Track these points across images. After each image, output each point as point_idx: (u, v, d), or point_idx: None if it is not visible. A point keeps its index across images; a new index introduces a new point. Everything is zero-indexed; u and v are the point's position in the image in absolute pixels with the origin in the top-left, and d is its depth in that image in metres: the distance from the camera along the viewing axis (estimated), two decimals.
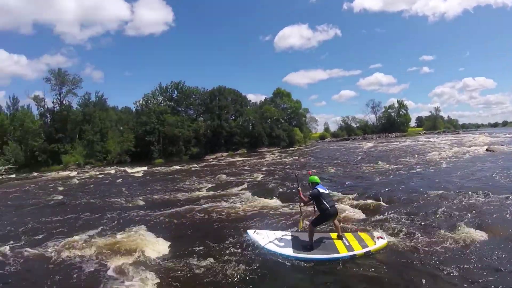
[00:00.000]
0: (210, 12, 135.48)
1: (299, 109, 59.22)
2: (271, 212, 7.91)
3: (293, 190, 9.30)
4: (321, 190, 5.09)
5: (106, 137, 39.77)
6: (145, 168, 28.36)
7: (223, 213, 8.17)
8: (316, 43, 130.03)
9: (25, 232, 7.76)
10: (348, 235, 5.15)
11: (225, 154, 42.52)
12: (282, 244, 5.09)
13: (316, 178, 5.36)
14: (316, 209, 5.19)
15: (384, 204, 7.89)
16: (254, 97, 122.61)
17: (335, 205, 5.27)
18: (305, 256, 4.69)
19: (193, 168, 25.04)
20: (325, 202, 4.98)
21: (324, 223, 5.46)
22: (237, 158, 34.05)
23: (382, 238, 5.01)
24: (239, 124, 47.71)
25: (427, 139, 43.86)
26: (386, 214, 6.90)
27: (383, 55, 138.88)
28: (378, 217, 6.72)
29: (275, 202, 9.11)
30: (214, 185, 13.71)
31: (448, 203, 7.32)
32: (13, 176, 32.33)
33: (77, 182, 20.91)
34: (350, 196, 8.84)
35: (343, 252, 4.68)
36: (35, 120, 40.80)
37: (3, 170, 35.96)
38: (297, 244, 5.01)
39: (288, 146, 49.90)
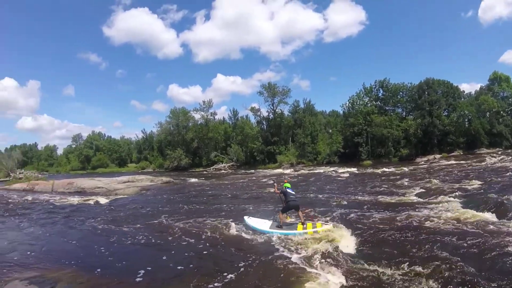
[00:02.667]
0: (398, 1, 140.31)
1: None
2: (477, 229, 7.85)
3: None
4: (288, 190, 9.34)
5: (316, 139, 51.47)
6: (353, 169, 33.93)
7: (424, 222, 8.85)
8: None
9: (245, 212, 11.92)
10: (309, 223, 9.02)
11: (438, 156, 44.87)
12: (263, 225, 9.41)
13: (287, 184, 9.71)
14: (284, 201, 9.41)
15: None
16: (469, 87, 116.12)
17: (296, 200, 9.32)
18: (274, 231, 8.86)
19: (402, 171, 27.62)
20: (288, 197, 9.19)
21: (288, 211, 9.59)
22: (452, 161, 36.13)
23: (328, 223, 8.98)
24: (453, 121, 48.75)
25: None
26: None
27: None
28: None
29: (487, 216, 9.07)
30: (422, 190, 14.87)
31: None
32: (234, 171, 48.91)
33: (290, 178, 26.50)
34: None
35: (299, 230, 8.61)
36: (253, 127, 58.22)
37: (226, 166, 54.41)
38: (272, 225, 9.27)
39: None
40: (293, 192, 9.50)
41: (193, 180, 32.83)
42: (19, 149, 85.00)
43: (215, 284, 5.71)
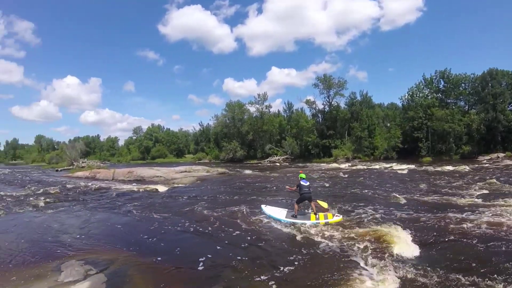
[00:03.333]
0: None
1: None
2: None
3: None
4: (302, 182, 10.60)
5: (374, 133, 53.10)
6: (412, 166, 33.77)
7: (489, 228, 8.73)
8: None
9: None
10: (320, 214, 10.22)
11: (501, 154, 43.84)
12: (280, 214, 10.84)
13: (302, 175, 11.12)
14: (299, 193, 10.64)
15: None
16: None
17: (310, 192, 10.63)
18: (289, 220, 10.23)
19: (463, 170, 27.19)
20: (302, 189, 10.50)
21: (302, 202, 10.83)
22: None
23: (338, 215, 10.31)
24: None
25: None
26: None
27: None
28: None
29: None
30: (484, 192, 14.95)
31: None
32: (288, 164, 51.41)
33: (344, 173, 28.20)
34: None
35: (312, 220, 9.97)
36: (308, 120, 61.25)
37: (280, 159, 57.71)
38: (287, 214, 10.65)
39: None
40: (307, 184, 10.77)
41: (247, 171, 34.53)
42: (82, 140, 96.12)
43: (269, 275, 6.20)
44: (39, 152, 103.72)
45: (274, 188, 19.90)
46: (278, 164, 53.06)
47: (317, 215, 10.20)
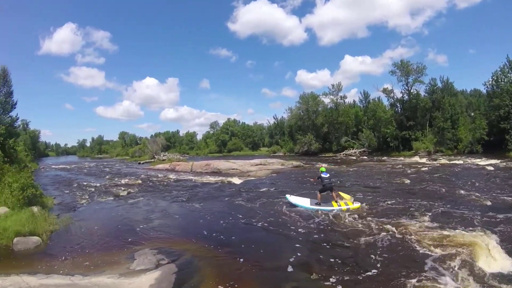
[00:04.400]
0: None
1: None
2: None
3: None
4: (323, 175, 12.95)
5: (457, 124, 51.58)
6: (497, 161, 32.47)
7: None
8: None
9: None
10: (341, 202, 12.45)
11: None
12: (304, 202, 12.97)
13: (322, 168, 13.52)
14: (321, 184, 12.97)
15: None
16: None
17: (331, 183, 13.00)
18: (313, 207, 12.38)
19: None
20: (323, 180, 12.83)
21: (324, 192, 12.88)
22: None
23: (357, 203, 12.43)
24: None
25: None
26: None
27: None
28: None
29: None
30: None
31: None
32: (365, 157, 52.33)
33: (425, 168, 27.42)
34: None
35: (334, 207, 12.14)
36: (386, 110, 61.38)
37: (357, 152, 59.43)
38: (312, 202, 12.74)
39: None
40: (327, 176, 13.19)
41: (322, 165, 32.23)
42: (163, 135, 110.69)
43: (359, 277, 6.37)
44: (123, 147, 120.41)
45: (349, 184, 20.11)
46: (354, 157, 54.45)
47: (338, 203, 12.45)
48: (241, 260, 7.45)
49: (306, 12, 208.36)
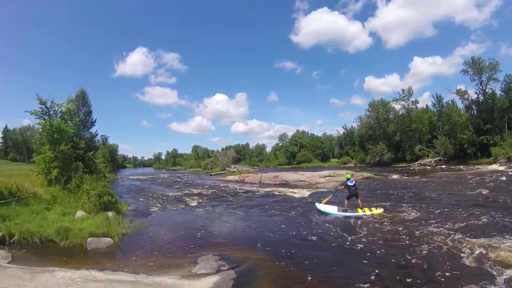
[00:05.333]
0: None
1: None
2: None
3: None
4: (348, 183, 14.82)
5: None
6: None
7: None
8: None
9: (435, 219, 12.55)
10: (365, 208, 14.24)
11: None
12: (332, 209, 14.90)
13: (348, 175, 15.37)
14: (348, 191, 14.86)
15: None
16: None
17: (356, 190, 14.81)
18: (341, 213, 14.32)
19: None
20: (350, 188, 14.75)
21: (350, 198, 14.69)
22: None
23: (380, 208, 14.16)
24: None
25: None
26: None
27: None
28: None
29: None
30: None
31: None
32: (441, 167, 50.23)
33: (505, 178, 26.73)
34: None
35: (360, 213, 13.97)
36: (461, 113, 59.63)
37: (432, 162, 58.28)
38: (339, 209, 14.63)
39: None
40: (353, 183, 15.02)
41: (394, 176, 35.37)
42: (233, 148, 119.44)
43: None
44: (196, 160, 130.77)
45: (424, 196, 18.89)
46: (429, 167, 53.47)
47: (362, 209, 14.35)
48: (303, 273, 7.70)
49: (368, 15, 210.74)
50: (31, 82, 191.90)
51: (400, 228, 11.32)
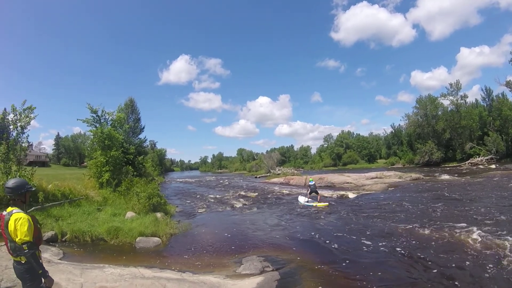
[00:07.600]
0: None
1: None
2: None
3: None
4: (310, 183, 21.17)
5: None
6: None
7: None
8: None
9: (484, 220, 12.11)
10: (320, 202, 19.43)
11: None
12: (303, 200, 20.55)
13: (311, 179, 23.11)
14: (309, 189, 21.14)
15: None
16: None
17: (316, 188, 20.84)
18: (304, 203, 20.05)
19: None
20: (310, 187, 20.81)
21: (310, 194, 20.54)
22: None
23: (325, 203, 19.47)
24: None
25: None
26: None
27: None
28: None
29: None
30: None
31: None
32: (493, 166, 48.96)
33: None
34: None
35: (314, 204, 19.15)
36: None
37: (484, 160, 56.04)
38: (305, 200, 20.35)
39: None
40: (313, 183, 21.11)
41: (444, 177, 34.43)
42: (277, 150, 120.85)
43: None
44: (241, 162, 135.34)
45: (476, 198, 17.93)
46: (481, 166, 52.19)
47: (318, 202, 19.49)
48: (347, 277, 7.67)
49: (409, 6, 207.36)
50: (81, 97, 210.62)
51: (468, 249, 9.18)
